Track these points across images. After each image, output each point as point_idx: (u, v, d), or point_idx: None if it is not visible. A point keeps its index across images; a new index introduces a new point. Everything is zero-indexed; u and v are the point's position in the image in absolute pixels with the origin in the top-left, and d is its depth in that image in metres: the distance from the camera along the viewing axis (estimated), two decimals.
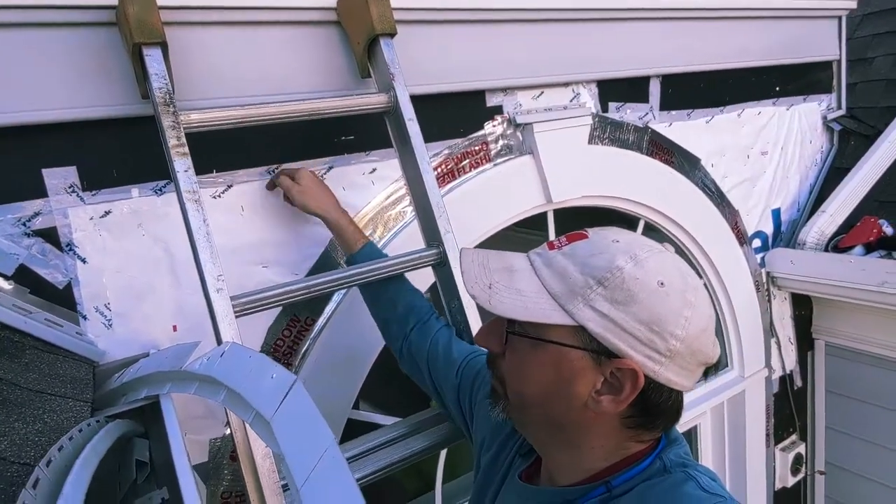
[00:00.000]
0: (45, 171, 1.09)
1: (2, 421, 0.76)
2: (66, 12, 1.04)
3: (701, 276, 2.20)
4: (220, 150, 1.25)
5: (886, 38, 2.88)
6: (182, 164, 0.98)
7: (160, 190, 1.20)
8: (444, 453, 1.73)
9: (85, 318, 1.16)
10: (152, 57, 1.00)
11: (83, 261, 1.15)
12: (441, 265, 1.19)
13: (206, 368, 0.78)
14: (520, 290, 0.70)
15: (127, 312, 1.20)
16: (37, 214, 1.10)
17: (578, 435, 0.72)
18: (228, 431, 1.29)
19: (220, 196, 1.27)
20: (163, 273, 1.22)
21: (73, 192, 1.12)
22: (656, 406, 0.69)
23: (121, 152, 1.16)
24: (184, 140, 0.99)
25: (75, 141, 1.11)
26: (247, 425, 0.93)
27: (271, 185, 1.30)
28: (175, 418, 0.89)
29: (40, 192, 1.09)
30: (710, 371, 0.72)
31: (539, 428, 0.77)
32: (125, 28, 1.01)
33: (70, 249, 1.13)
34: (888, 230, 2.30)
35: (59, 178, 1.10)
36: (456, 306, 1.18)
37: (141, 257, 1.20)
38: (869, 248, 2.28)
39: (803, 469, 2.74)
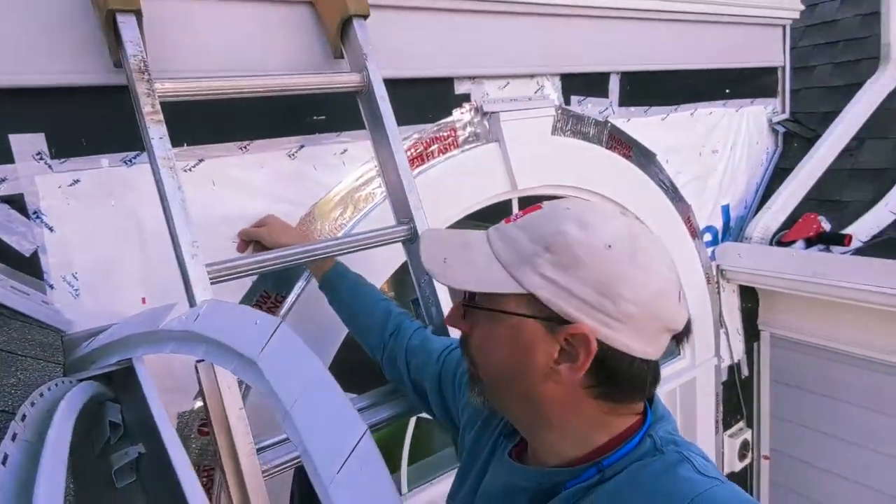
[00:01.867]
0: (12, 137, 1.08)
1: None
2: None
3: None
4: (192, 124, 1.25)
5: (826, 48, 3.09)
6: (157, 131, 0.99)
7: (130, 161, 1.20)
8: (409, 436, 1.77)
9: (52, 287, 1.15)
10: (126, 24, 1.01)
11: (50, 229, 1.14)
12: (411, 241, 1.22)
13: (184, 325, 0.79)
14: (472, 262, 0.71)
15: (95, 283, 1.19)
16: (3, 180, 1.08)
17: (551, 410, 0.71)
18: (198, 404, 1.30)
19: (191, 170, 1.27)
20: (132, 244, 1.22)
21: (41, 159, 1.11)
22: (618, 374, 0.67)
23: (91, 121, 1.15)
24: (158, 108, 1.00)
25: (44, 108, 1.10)
26: (222, 386, 0.95)
27: (243, 247, 1.32)
28: (150, 378, 0.90)
29: (7, 157, 1.08)
30: (683, 339, 0.71)
31: (514, 406, 0.76)
32: None
33: (37, 217, 1.12)
34: (826, 226, 2.46)
35: (26, 144, 1.09)
36: (426, 281, 1.22)
37: (110, 228, 1.19)
38: (809, 243, 2.44)
39: (749, 454, 2.89)
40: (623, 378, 0.67)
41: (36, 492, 0.43)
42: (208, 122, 1.27)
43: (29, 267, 1.12)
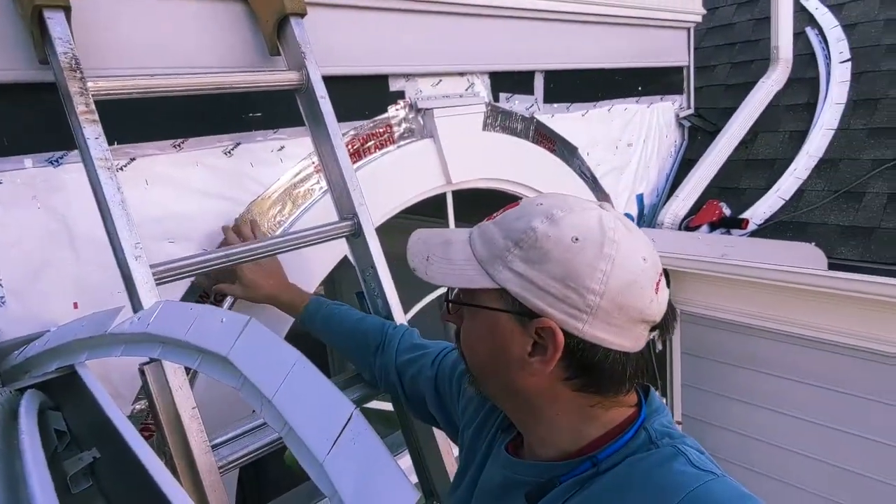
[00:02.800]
0: None
1: None
2: None
3: None
4: (123, 123, 1.21)
5: (725, 49, 3.37)
6: (92, 131, 0.97)
7: (56, 161, 1.15)
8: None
9: None
10: (54, 20, 0.97)
11: None
12: (356, 236, 1.26)
13: (138, 327, 0.79)
14: (451, 260, 0.73)
15: (22, 289, 1.14)
16: None
17: (536, 402, 0.72)
18: (137, 407, 1.27)
19: (122, 169, 1.24)
20: (61, 247, 1.17)
21: None
22: (592, 366, 0.67)
23: (12, 120, 1.09)
24: (93, 107, 0.98)
25: None
26: (173, 386, 0.95)
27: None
28: (98, 383, 0.89)
29: None
30: (665, 331, 0.70)
31: (502, 398, 0.77)
32: None
33: None
34: (727, 211, 2.71)
35: None
36: (370, 273, 1.26)
37: (36, 231, 1.14)
38: (713, 227, 2.69)
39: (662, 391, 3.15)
40: (599, 370, 0.67)
41: (32, 492, 0.44)
42: (140, 120, 1.24)
43: None
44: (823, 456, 2.49)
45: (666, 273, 0.72)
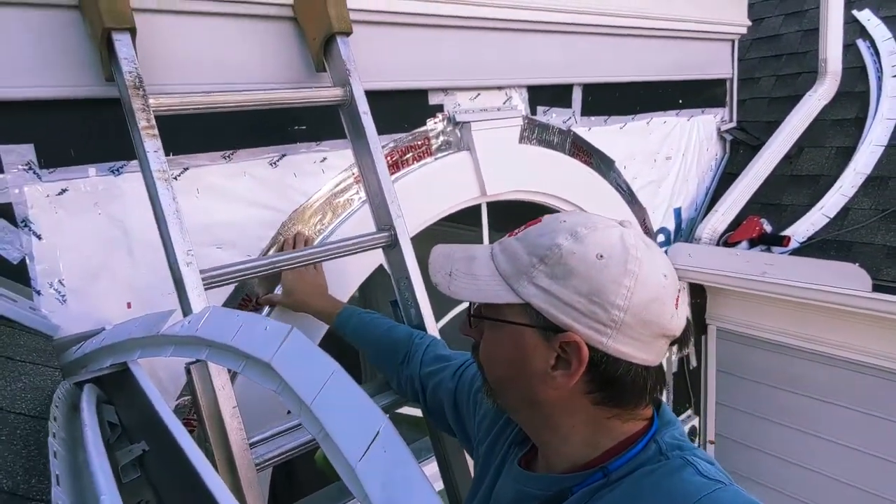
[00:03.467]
0: (1, 148, 1.10)
1: None
2: None
3: None
4: (176, 135, 1.29)
5: (770, 61, 3.30)
6: (152, 145, 1.04)
7: (117, 170, 1.24)
8: None
9: (39, 293, 1.18)
10: (122, 42, 1.05)
11: (38, 237, 1.16)
12: (391, 247, 1.30)
13: (188, 330, 0.85)
14: (475, 275, 0.74)
15: (81, 289, 1.22)
16: None
17: (554, 414, 0.73)
18: (181, 402, 1.34)
19: (175, 178, 1.32)
20: (118, 251, 1.26)
21: (30, 169, 1.14)
22: (615, 380, 0.68)
23: (79, 132, 1.18)
24: (153, 122, 1.05)
25: (34, 119, 1.13)
26: (216, 386, 1.01)
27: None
28: (148, 379, 0.95)
29: None
30: (684, 345, 0.72)
31: (520, 410, 0.78)
32: (93, 12, 1.05)
33: (25, 226, 1.15)
34: (768, 228, 2.65)
35: (16, 154, 1.12)
36: (405, 284, 1.30)
37: (96, 235, 1.23)
38: (752, 243, 2.63)
39: (697, 440, 3.09)
40: (621, 384, 0.69)
41: (96, 479, 0.49)
42: (192, 132, 1.32)
43: (17, 274, 1.15)
44: (858, 482, 2.40)
45: (703, 288, 0.73)
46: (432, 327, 1.30)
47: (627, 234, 0.70)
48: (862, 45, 2.99)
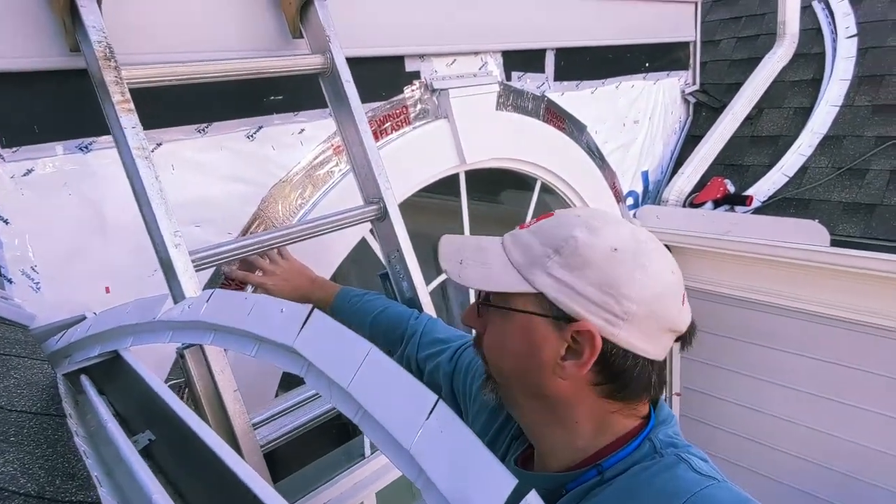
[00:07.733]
0: None
1: None
2: None
3: None
4: (148, 108, 1.21)
5: (730, 23, 3.35)
6: (129, 121, 0.98)
7: (86, 147, 1.16)
8: None
9: (11, 281, 1.11)
10: (88, 9, 0.97)
11: (5, 222, 1.09)
12: (381, 219, 1.28)
13: (190, 315, 0.82)
14: (486, 264, 0.75)
15: (56, 275, 1.16)
16: None
17: (560, 407, 0.73)
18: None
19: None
20: (92, 234, 1.19)
21: None
22: (623, 372, 0.69)
23: (43, 108, 1.10)
24: (128, 96, 0.99)
25: None
26: (214, 370, 0.98)
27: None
28: (144, 366, 0.92)
29: None
30: (687, 342, 0.74)
31: (525, 404, 0.77)
32: None
33: None
34: (731, 188, 2.74)
35: None
36: (396, 256, 1.28)
37: (68, 218, 1.16)
38: (717, 204, 2.72)
39: (664, 392, 3.23)
40: (628, 376, 0.70)
41: (139, 477, 0.47)
42: (165, 105, 1.24)
43: None
44: (819, 426, 2.58)
45: (670, 249, 0.76)
46: (426, 298, 1.29)
47: (638, 231, 0.73)
48: (817, 6, 3.06)
